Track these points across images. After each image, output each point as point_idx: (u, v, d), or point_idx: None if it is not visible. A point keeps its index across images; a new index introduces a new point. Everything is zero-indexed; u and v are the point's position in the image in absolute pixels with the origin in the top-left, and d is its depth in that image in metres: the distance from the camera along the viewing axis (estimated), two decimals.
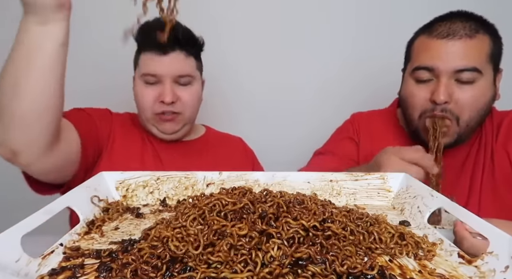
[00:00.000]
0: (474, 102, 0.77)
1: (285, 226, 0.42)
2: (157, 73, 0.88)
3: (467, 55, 0.75)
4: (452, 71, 0.76)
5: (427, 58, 0.78)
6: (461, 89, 0.76)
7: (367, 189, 0.69)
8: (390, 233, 0.48)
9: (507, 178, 0.81)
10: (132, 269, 0.38)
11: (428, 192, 0.58)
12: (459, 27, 0.76)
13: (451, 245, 0.48)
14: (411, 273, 0.42)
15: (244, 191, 0.52)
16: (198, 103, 0.98)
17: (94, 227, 0.54)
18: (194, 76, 0.93)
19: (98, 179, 0.64)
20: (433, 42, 0.78)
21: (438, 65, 0.76)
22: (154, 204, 0.66)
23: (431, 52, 0.78)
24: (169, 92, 0.88)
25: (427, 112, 0.79)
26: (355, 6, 1.29)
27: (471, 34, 0.76)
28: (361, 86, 1.32)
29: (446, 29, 0.77)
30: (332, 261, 0.39)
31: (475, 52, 0.76)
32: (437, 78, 0.77)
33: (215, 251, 0.38)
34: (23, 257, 0.40)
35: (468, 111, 0.77)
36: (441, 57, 0.76)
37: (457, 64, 0.75)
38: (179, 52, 0.89)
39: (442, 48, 0.76)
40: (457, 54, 0.75)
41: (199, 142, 1.05)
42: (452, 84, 0.76)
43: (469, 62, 0.75)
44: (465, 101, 0.77)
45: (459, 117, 0.78)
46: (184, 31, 0.89)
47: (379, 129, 0.95)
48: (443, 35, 0.77)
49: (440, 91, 0.76)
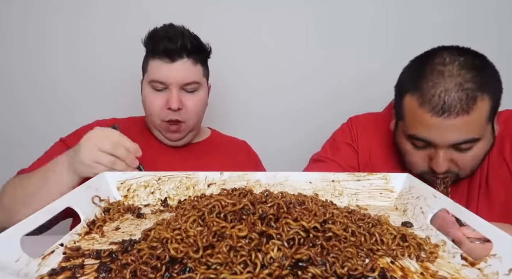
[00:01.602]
0: (474, 161, 0.76)
1: (285, 227, 0.42)
2: (164, 81, 0.90)
3: (465, 130, 0.71)
4: (449, 144, 0.73)
5: (422, 131, 0.73)
6: (460, 154, 0.74)
7: (369, 189, 0.68)
8: (392, 235, 0.48)
9: (505, 184, 0.80)
10: (131, 270, 0.38)
11: (431, 193, 0.58)
12: (454, 100, 0.68)
13: (454, 246, 0.47)
14: (413, 275, 0.41)
15: (245, 192, 0.51)
16: (203, 110, 1.00)
17: (95, 227, 0.54)
18: (201, 83, 0.95)
19: (100, 179, 0.64)
20: (428, 117, 0.71)
21: (435, 139, 0.72)
22: (155, 204, 0.66)
23: (426, 126, 0.72)
24: (175, 99, 0.90)
25: (428, 173, 0.78)
26: (359, 9, 1.29)
27: (469, 107, 0.68)
28: (363, 86, 1.32)
29: (441, 104, 0.69)
30: (333, 262, 0.38)
31: (473, 125, 0.71)
32: (434, 148, 0.74)
33: (214, 253, 0.38)
34: (23, 257, 0.40)
35: (469, 168, 0.77)
36: (437, 133, 0.72)
37: (455, 139, 0.71)
38: (187, 60, 0.90)
39: (438, 125, 0.71)
40: (455, 130, 0.71)
41: (202, 144, 1.06)
42: (450, 151, 0.74)
43: (467, 135, 0.71)
44: (465, 162, 0.75)
45: (459, 174, 0.77)
46: (192, 38, 0.91)
47: (376, 134, 0.93)
48: (438, 112, 0.69)
49: (439, 163, 0.73)
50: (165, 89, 0.91)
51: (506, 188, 0.79)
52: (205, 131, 1.12)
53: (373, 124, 0.95)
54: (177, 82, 0.90)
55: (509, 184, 0.80)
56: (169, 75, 0.89)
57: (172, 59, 0.89)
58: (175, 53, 0.88)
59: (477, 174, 0.83)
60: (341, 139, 0.95)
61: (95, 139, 0.71)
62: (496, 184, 0.81)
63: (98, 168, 0.69)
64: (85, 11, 1.27)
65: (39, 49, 1.28)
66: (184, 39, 0.88)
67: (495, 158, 0.82)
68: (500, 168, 0.81)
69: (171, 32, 0.89)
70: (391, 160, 0.89)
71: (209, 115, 1.07)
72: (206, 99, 1.00)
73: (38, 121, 1.32)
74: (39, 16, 1.26)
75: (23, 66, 1.29)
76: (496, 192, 0.80)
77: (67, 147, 0.92)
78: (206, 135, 1.09)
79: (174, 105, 0.89)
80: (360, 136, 0.94)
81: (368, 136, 0.93)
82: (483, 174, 0.83)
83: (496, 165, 0.82)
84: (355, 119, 0.98)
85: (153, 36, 0.91)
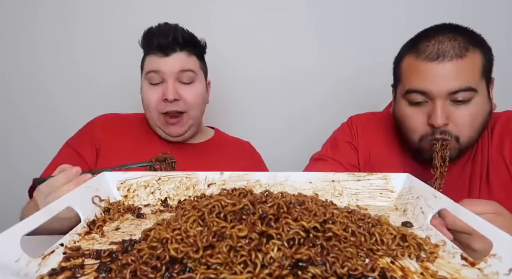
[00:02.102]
0: (472, 121, 0.76)
1: (285, 227, 0.42)
2: (159, 70, 0.91)
3: (459, 75, 0.73)
4: (446, 93, 0.73)
5: (418, 81, 0.75)
6: (457, 109, 0.74)
7: (369, 189, 0.68)
8: (392, 235, 0.47)
9: (505, 183, 0.80)
10: (131, 270, 0.38)
11: (431, 193, 0.57)
12: (448, 47, 0.73)
13: (454, 246, 0.47)
14: (413, 275, 0.41)
15: (245, 193, 0.51)
16: (203, 103, 0.99)
17: (95, 227, 0.54)
18: (197, 73, 0.95)
19: (100, 179, 0.64)
20: (423, 65, 0.75)
21: (431, 89, 0.74)
22: (155, 204, 0.66)
23: (421, 75, 0.75)
24: (171, 90, 0.90)
25: (427, 136, 0.78)
26: (361, 8, 1.29)
27: (461, 53, 0.73)
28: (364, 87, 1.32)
29: (435, 51, 0.74)
30: (333, 262, 0.38)
31: (467, 72, 0.73)
32: (432, 100, 0.75)
33: (214, 253, 0.38)
34: (23, 257, 0.40)
35: (468, 130, 0.76)
36: (433, 80, 0.74)
37: (451, 86, 0.73)
38: (181, 53, 0.92)
39: (432, 71, 0.74)
40: (449, 76, 0.73)
41: (205, 144, 1.06)
42: (448, 105, 0.74)
43: (462, 83, 0.73)
44: (463, 121, 0.75)
45: (458, 137, 0.76)
46: (184, 33, 0.93)
47: (376, 134, 0.93)
48: (433, 57, 0.74)
49: (437, 115, 0.74)
50: (161, 83, 0.92)
51: (506, 189, 0.79)
52: (208, 131, 1.11)
53: (373, 123, 0.96)
54: (172, 71, 0.91)
55: (508, 186, 0.80)
56: (164, 66, 0.91)
57: (166, 53, 0.91)
58: (168, 48, 0.91)
59: (477, 168, 0.83)
60: (342, 138, 0.95)
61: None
62: (497, 183, 0.81)
63: None
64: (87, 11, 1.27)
65: (33, 50, 1.28)
66: (175, 33, 0.91)
67: (495, 157, 0.82)
68: (500, 168, 0.81)
69: (163, 28, 0.92)
70: (391, 159, 0.89)
71: (209, 115, 1.07)
72: (205, 93, 1.00)
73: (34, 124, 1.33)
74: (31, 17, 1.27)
75: (18, 67, 1.29)
76: (497, 191, 0.80)
77: (75, 151, 0.93)
78: (210, 136, 1.10)
79: (170, 96, 0.90)
80: (360, 135, 0.94)
81: (368, 135, 0.93)
82: (483, 170, 0.82)
83: (497, 164, 0.82)
84: (355, 118, 0.99)
85: (147, 34, 0.94)
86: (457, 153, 0.78)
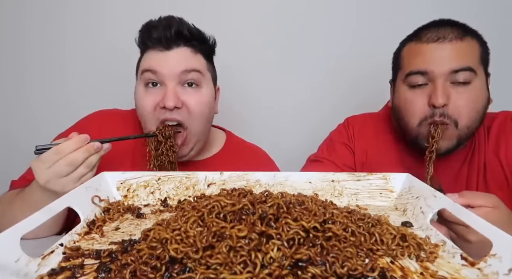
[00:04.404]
0: (472, 104, 0.76)
1: (285, 227, 0.42)
2: (157, 70, 0.75)
3: (460, 55, 0.75)
4: (447, 72, 0.74)
5: (420, 63, 0.77)
6: (457, 91, 0.75)
7: (369, 189, 0.68)
8: (391, 234, 0.47)
9: (501, 185, 0.80)
10: (131, 270, 0.38)
11: (430, 193, 0.57)
12: (447, 31, 0.77)
13: (454, 246, 0.47)
14: (412, 275, 0.41)
15: (244, 193, 0.51)
16: (209, 113, 0.82)
17: (95, 227, 0.53)
18: (203, 74, 0.79)
19: (99, 179, 0.64)
20: (424, 47, 0.77)
21: (432, 69, 0.75)
22: (155, 204, 0.66)
23: (423, 56, 0.77)
24: (171, 95, 0.74)
25: (427, 118, 0.78)
26: (356, 6, 1.29)
27: (461, 36, 0.76)
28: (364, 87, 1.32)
29: (436, 34, 0.77)
30: (333, 262, 0.38)
31: (467, 53, 0.76)
32: (432, 81, 0.76)
33: (214, 254, 0.38)
34: (23, 257, 0.40)
35: (467, 113, 0.76)
36: (434, 60, 0.75)
37: (452, 65, 0.74)
38: (185, 48, 0.77)
39: (433, 51, 0.76)
40: (450, 55, 0.75)
41: (215, 160, 0.89)
42: (448, 86, 0.75)
43: (463, 62, 0.75)
44: (462, 103, 0.75)
45: (457, 121, 0.76)
46: (190, 26, 0.78)
47: (373, 134, 0.93)
48: (433, 39, 0.77)
49: (438, 94, 0.74)
50: (159, 86, 0.77)
51: (502, 190, 0.79)
52: (217, 139, 0.94)
53: (369, 124, 0.96)
54: (172, 71, 0.75)
55: (504, 187, 0.80)
56: (164, 65, 0.75)
57: (167, 46, 0.76)
58: (170, 40, 0.75)
59: (474, 170, 0.83)
60: (338, 139, 0.96)
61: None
62: (494, 184, 0.81)
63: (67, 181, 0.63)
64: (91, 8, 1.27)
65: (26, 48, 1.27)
66: (180, 25, 0.76)
67: (491, 159, 0.82)
68: (496, 169, 0.82)
69: (166, 20, 0.77)
70: (388, 158, 0.89)
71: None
72: (212, 101, 0.82)
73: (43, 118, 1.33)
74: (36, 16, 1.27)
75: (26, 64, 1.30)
76: (493, 192, 0.80)
77: None
78: (220, 145, 0.93)
79: (169, 103, 0.73)
80: (356, 137, 0.94)
81: (364, 136, 0.94)
82: (480, 171, 0.83)
83: (493, 165, 0.82)
84: (352, 120, 0.99)
85: (146, 26, 0.79)
86: (455, 142, 0.78)
